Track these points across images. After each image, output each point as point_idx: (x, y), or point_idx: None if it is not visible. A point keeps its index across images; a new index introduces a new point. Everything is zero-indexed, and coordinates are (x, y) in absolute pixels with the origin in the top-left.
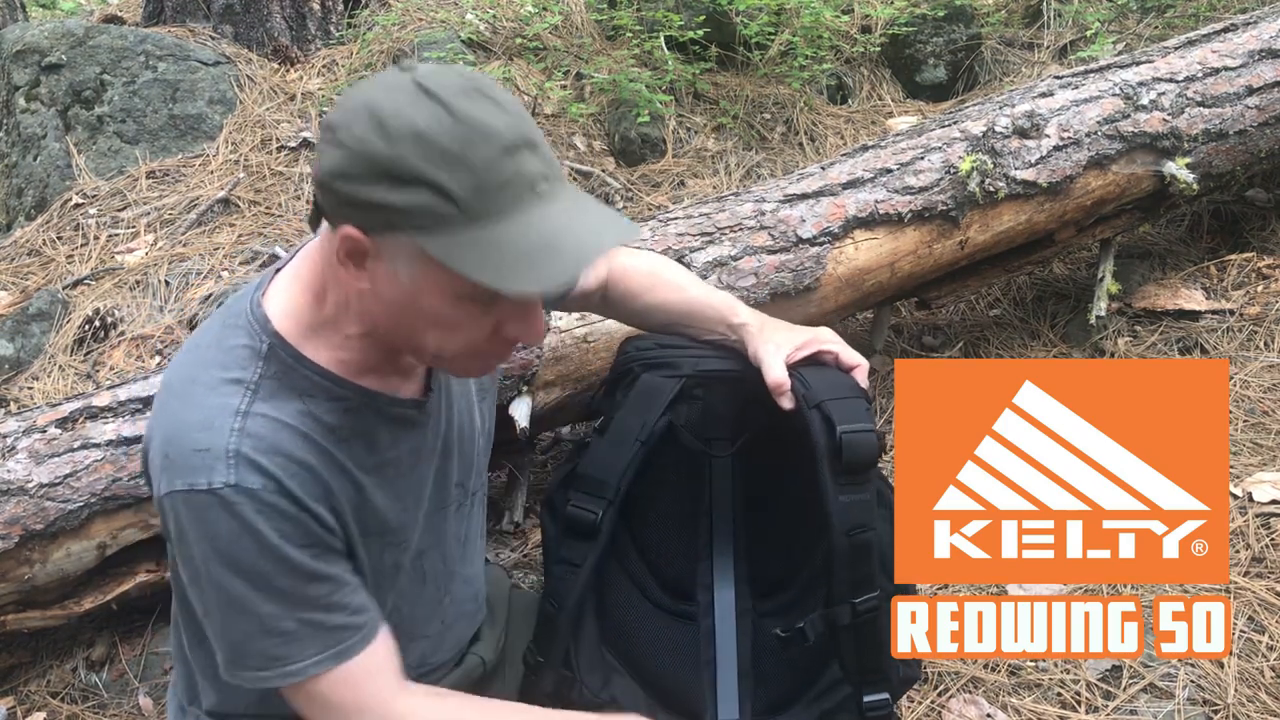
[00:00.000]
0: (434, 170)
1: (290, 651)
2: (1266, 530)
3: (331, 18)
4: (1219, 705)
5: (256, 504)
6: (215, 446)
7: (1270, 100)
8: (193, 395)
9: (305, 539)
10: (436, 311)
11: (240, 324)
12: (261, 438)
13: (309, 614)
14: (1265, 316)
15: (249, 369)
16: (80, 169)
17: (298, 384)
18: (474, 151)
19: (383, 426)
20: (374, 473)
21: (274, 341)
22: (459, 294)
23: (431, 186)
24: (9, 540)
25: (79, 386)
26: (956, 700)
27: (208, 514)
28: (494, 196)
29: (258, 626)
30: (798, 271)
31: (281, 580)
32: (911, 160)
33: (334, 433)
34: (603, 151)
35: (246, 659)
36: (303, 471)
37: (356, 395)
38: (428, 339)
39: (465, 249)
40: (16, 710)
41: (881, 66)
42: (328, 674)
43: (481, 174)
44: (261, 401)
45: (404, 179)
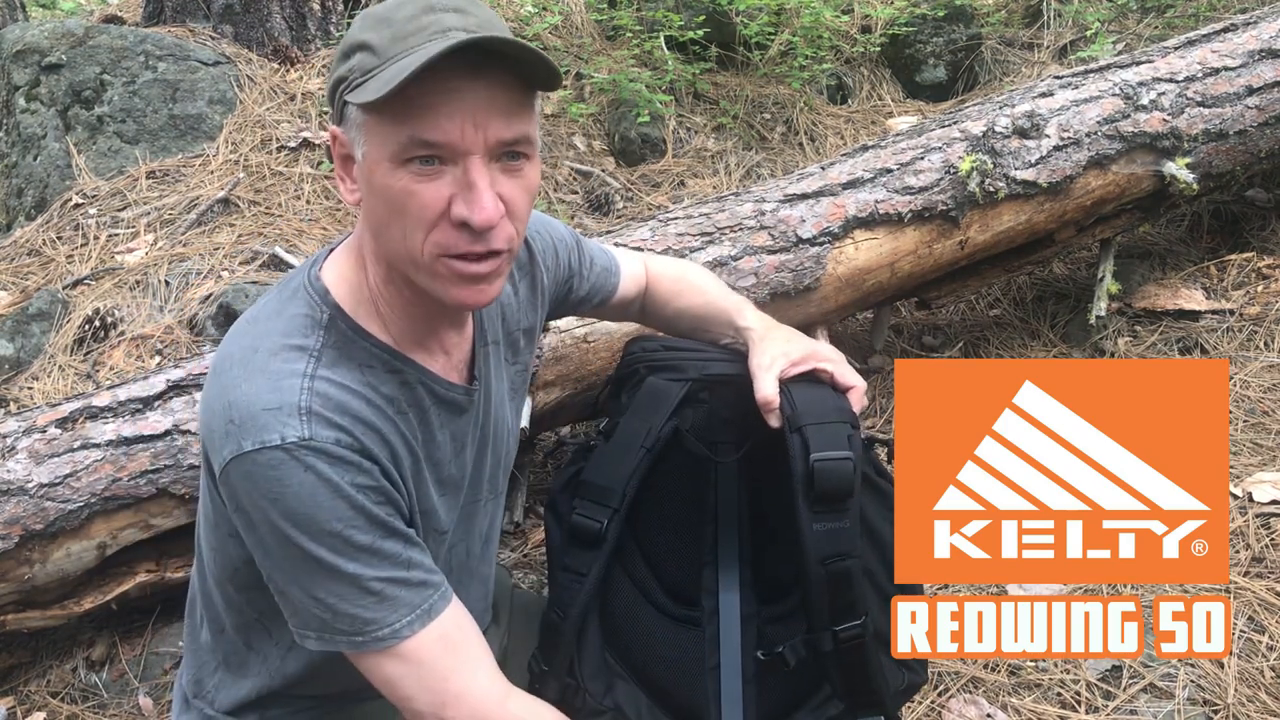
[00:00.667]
0: (365, 32)
1: (382, 614)
2: (1266, 530)
3: (331, 18)
4: (1219, 705)
5: (331, 457)
6: (287, 404)
7: (1270, 100)
8: (255, 361)
9: (377, 493)
10: (384, 186)
11: (300, 295)
12: (329, 397)
13: (393, 571)
14: (1265, 316)
15: (311, 337)
16: (80, 169)
17: (357, 355)
18: (400, 10)
19: (434, 408)
20: (424, 451)
21: (334, 313)
22: (391, 155)
23: (362, 46)
24: (9, 540)
25: (79, 386)
26: (956, 700)
27: (282, 471)
28: (406, 41)
29: (345, 589)
30: (798, 271)
31: (362, 536)
32: (911, 160)
33: (393, 403)
34: (603, 151)
35: (336, 625)
36: (370, 431)
37: (412, 370)
38: (395, 233)
39: (371, 85)
40: (16, 710)
41: (881, 66)
42: (419, 634)
43: (400, 25)
44: (325, 368)
45: (347, 49)
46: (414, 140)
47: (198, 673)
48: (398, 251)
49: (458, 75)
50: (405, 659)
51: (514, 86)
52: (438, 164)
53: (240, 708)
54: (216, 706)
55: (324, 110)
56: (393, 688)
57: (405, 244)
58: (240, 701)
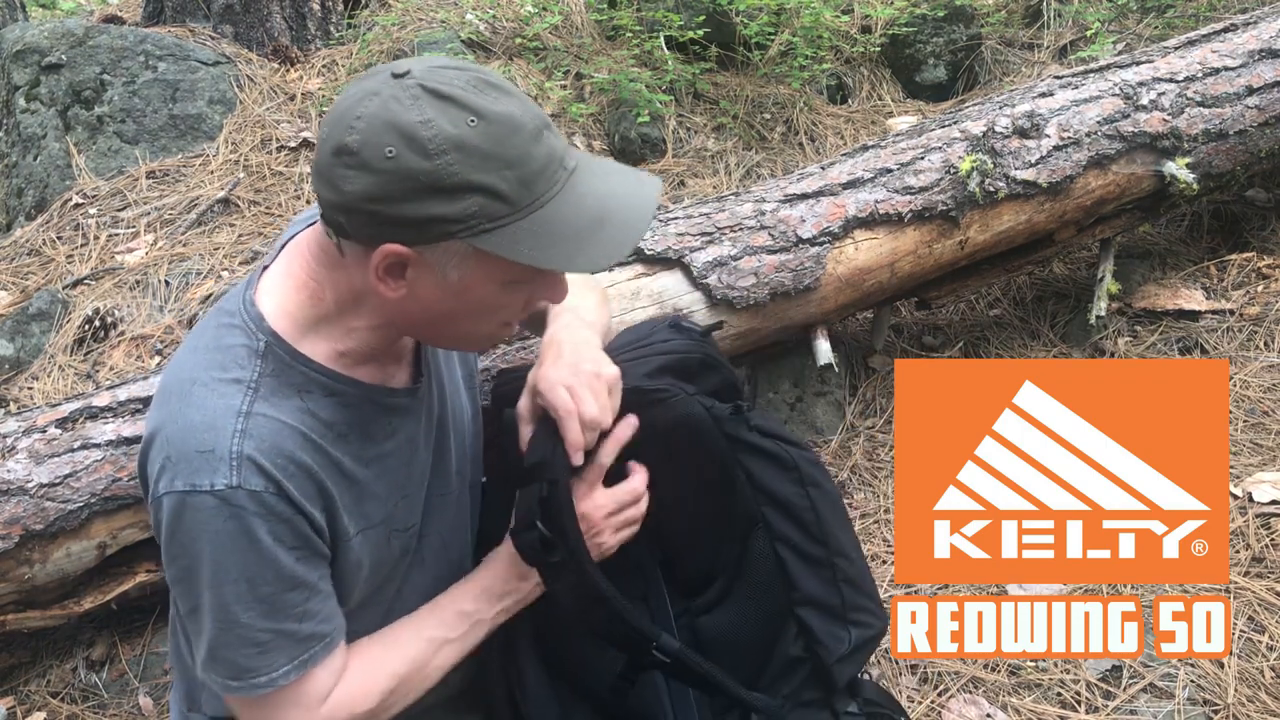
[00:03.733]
0: (480, 174)
1: (260, 664)
2: (1266, 530)
3: (331, 18)
4: (1219, 705)
5: (256, 505)
6: (219, 448)
7: (1270, 100)
8: (193, 396)
9: (295, 540)
10: (482, 301)
11: (236, 323)
12: (263, 438)
13: (284, 624)
14: (1265, 316)
15: (248, 368)
16: (80, 169)
17: (295, 380)
18: (510, 147)
19: (379, 418)
20: (373, 464)
21: (270, 339)
22: (511, 280)
23: (482, 190)
24: (9, 540)
25: (79, 386)
26: (956, 700)
27: (203, 514)
28: (536, 184)
29: (234, 635)
30: (798, 271)
31: (266, 586)
32: (911, 160)
33: (331, 429)
34: (603, 151)
35: (216, 664)
36: (300, 473)
37: (353, 389)
38: (460, 327)
39: (522, 239)
40: (16, 710)
41: (881, 66)
42: (293, 683)
43: (521, 167)
44: (262, 400)
45: (453, 189)
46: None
47: (188, 687)
48: (450, 335)
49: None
50: (272, 706)
51: None
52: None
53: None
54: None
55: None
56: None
57: (470, 331)
58: (229, 713)
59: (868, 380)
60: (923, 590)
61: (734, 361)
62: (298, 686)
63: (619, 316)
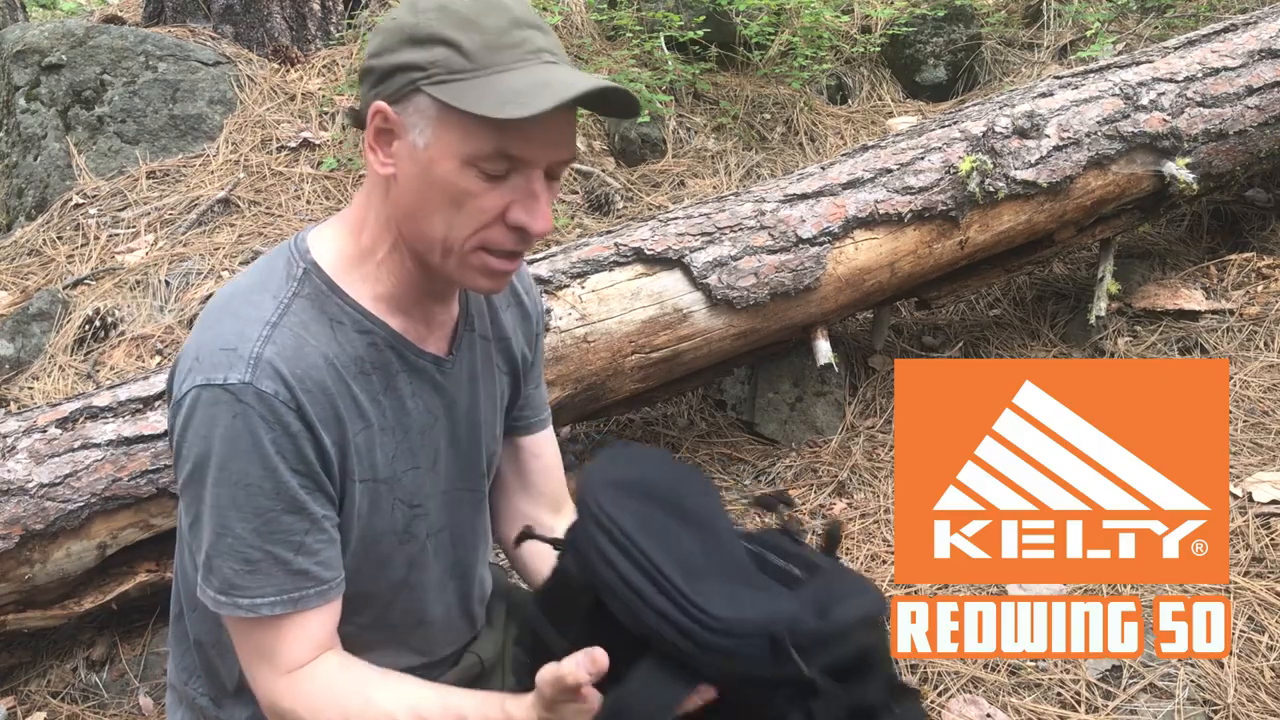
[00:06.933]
0: (450, 30)
1: (248, 583)
2: (1266, 530)
3: (331, 18)
4: (1219, 705)
5: (264, 408)
6: (241, 347)
7: (1270, 100)
8: (229, 306)
9: (299, 462)
10: (445, 181)
11: (283, 253)
12: (285, 346)
13: (277, 548)
14: (1265, 316)
15: (284, 287)
16: (80, 169)
17: (328, 309)
18: (487, 18)
19: (404, 374)
20: (390, 414)
21: (309, 268)
22: (466, 156)
23: (446, 43)
24: (9, 540)
25: (79, 386)
26: (956, 700)
27: (216, 409)
28: (501, 53)
29: (227, 544)
30: (798, 271)
31: (262, 499)
32: (911, 160)
33: (356, 363)
34: (603, 151)
35: (210, 575)
36: (318, 391)
37: (382, 331)
38: (437, 222)
39: (470, 91)
40: (16, 710)
41: (881, 66)
42: (279, 619)
43: (491, 35)
44: (293, 316)
45: (424, 39)
46: (499, 153)
47: (183, 660)
48: (431, 236)
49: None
50: (253, 636)
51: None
52: (505, 170)
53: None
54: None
55: (324, 110)
56: (246, 666)
57: (446, 233)
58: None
59: (868, 380)
60: (923, 590)
61: (734, 361)
62: (277, 634)
63: (618, 316)
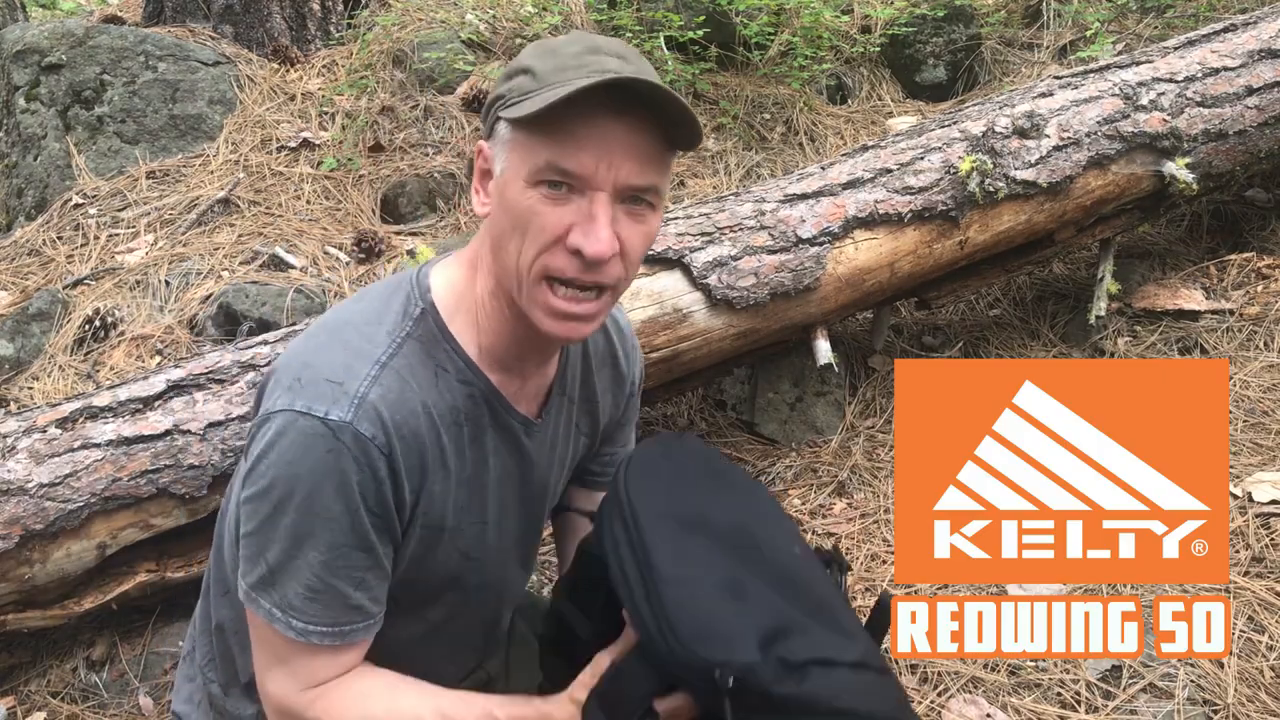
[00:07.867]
0: (531, 59)
1: (307, 609)
2: (1266, 530)
3: (331, 18)
4: (1219, 705)
5: (359, 450)
6: (349, 383)
7: (1270, 100)
8: (342, 333)
9: (378, 505)
10: (514, 203)
11: (404, 287)
12: (390, 391)
13: (340, 582)
14: (1265, 316)
15: (400, 325)
16: (80, 169)
17: (436, 354)
18: (570, 46)
19: (492, 429)
20: (469, 469)
21: (427, 309)
22: (527, 175)
23: (526, 70)
24: (9, 540)
25: (79, 386)
26: (956, 700)
27: (312, 439)
28: (567, 73)
29: (295, 567)
30: (798, 271)
31: (339, 534)
32: (911, 160)
33: (451, 413)
34: None
35: (271, 589)
36: (411, 439)
37: (483, 385)
38: (510, 249)
39: (526, 104)
40: (16, 710)
41: (881, 66)
42: (323, 650)
43: (565, 59)
44: (403, 359)
45: (512, 71)
46: (550, 165)
47: (201, 639)
48: (508, 266)
49: (605, 113)
50: (285, 649)
51: (653, 136)
52: (566, 191)
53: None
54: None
55: (324, 110)
56: (265, 667)
57: (517, 260)
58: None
59: (868, 380)
60: (923, 590)
61: (734, 361)
62: (313, 656)
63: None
